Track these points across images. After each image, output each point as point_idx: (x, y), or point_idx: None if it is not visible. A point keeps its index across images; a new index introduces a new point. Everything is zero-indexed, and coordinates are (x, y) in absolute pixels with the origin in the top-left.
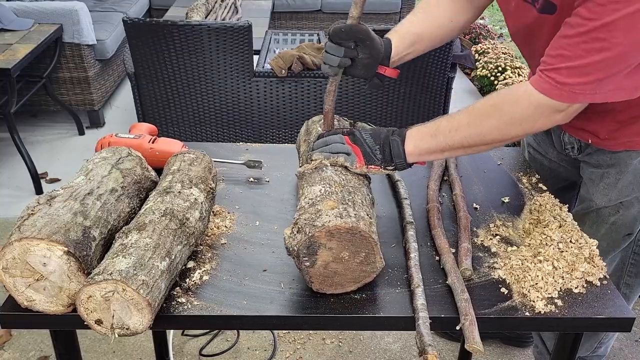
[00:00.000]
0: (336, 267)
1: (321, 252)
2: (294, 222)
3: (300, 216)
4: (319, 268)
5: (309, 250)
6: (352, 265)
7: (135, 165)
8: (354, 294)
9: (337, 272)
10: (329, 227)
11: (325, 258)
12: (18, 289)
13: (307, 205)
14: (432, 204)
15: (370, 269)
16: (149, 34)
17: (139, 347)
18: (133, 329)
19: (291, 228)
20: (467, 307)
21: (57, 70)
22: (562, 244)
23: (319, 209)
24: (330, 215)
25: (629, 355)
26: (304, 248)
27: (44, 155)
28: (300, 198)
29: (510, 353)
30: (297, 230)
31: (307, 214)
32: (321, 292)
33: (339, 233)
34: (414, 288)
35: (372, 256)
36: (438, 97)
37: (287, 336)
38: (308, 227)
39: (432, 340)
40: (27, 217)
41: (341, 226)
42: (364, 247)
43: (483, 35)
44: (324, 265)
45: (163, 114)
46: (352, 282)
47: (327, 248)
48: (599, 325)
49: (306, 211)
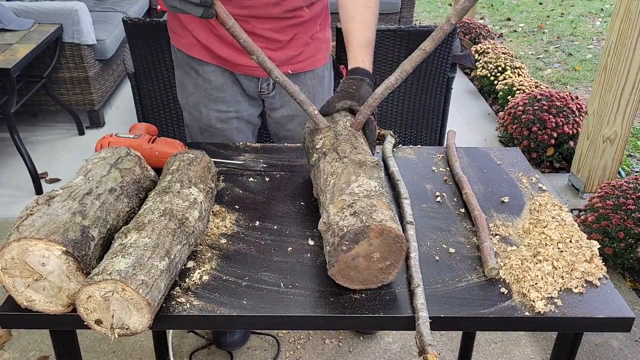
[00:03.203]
0: (360, 263)
1: (362, 244)
2: (347, 204)
3: (356, 202)
4: (348, 256)
5: (355, 237)
6: (373, 267)
7: (135, 165)
8: (354, 294)
9: (358, 267)
10: (385, 225)
11: (361, 250)
12: (17, 289)
13: (361, 194)
14: None
15: (383, 278)
16: (149, 34)
17: (138, 347)
18: (133, 328)
19: (341, 207)
20: None
21: (57, 70)
22: (561, 244)
23: (374, 204)
24: (386, 215)
25: (629, 355)
26: (353, 234)
27: (44, 155)
28: (351, 183)
29: (511, 353)
30: (352, 213)
31: (362, 203)
32: (332, 278)
33: (388, 235)
34: (413, 288)
35: (392, 268)
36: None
37: (287, 336)
38: (366, 216)
39: (432, 340)
40: (26, 217)
41: (393, 230)
42: (394, 257)
43: (483, 35)
44: (354, 256)
45: (163, 114)
46: (360, 283)
47: (369, 243)
48: (599, 325)
49: (361, 199)
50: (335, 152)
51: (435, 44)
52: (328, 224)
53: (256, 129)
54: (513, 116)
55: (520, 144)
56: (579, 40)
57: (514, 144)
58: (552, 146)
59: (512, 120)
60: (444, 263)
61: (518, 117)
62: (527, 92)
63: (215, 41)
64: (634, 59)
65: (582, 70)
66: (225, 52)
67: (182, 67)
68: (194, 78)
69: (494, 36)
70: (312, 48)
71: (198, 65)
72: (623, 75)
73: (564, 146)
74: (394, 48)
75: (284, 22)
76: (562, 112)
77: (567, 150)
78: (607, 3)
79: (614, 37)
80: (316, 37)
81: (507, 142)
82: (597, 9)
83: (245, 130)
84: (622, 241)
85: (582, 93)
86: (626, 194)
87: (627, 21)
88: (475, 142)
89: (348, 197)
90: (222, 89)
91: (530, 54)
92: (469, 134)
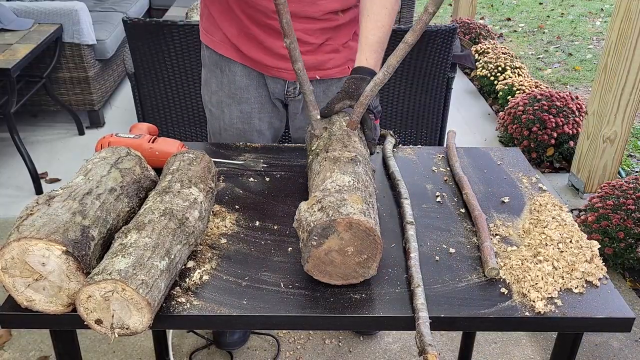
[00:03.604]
0: (335, 258)
1: (332, 238)
2: (317, 199)
3: (325, 197)
4: (321, 252)
5: (323, 231)
6: (350, 261)
7: (135, 164)
8: (354, 294)
9: (334, 262)
10: (352, 219)
11: (332, 245)
12: (17, 289)
13: (333, 189)
14: None
15: (363, 272)
16: (149, 34)
17: (139, 347)
18: (133, 328)
19: (311, 204)
20: None
21: (57, 70)
22: (562, 244)
23: (344, 198)
24: (355, 208)
25: (629, 355)
26: (320, 228)
27: (44, 155)
28: (326, 180)
29: (511, 353)
30: (320, 208)
31: (332, 198)
32: (309, 274)
33: (358, 228)
34: (414, 288)
35: (371, 261)
36: (438, 97)
37: (287, 336)
38: (332, 210)
39: (432, 340)
40: (26, 217)
41: (362, 223)
42: (370, 250)
43: (483, 35)
44: (327, 251)
45: (163, 114)
46: (340, 278)
47: (339, 237)
48: (599, 325)
49: (331, 194)
50: (325, 152)
51: (417, 35)
52: (299, 221)
53: (278, 135)
54: (513, 116)
55: (520, 144)
56: (579, 40)
57: (514, 144)
58: (552, 146)
59: (512, 120)
60: (444, 263)
61: (518, 117)
62: (527, 92)
63: (245, 41)
64: (634, 59)
65: (582, 70)
66: (254, 52)
67: (209, 66)
68: (218, 77)
69: (494, 36)
70: (343, 56)
71: (225, 64)
72: (623, 75)
73: (564, 146)
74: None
75: (316, 24)
76: (562, 112)
77: (567, 150)
78: (607, 3)
79: (614, 37)
80: (348, 45)
81: (507, 142)
82: (597, 9)
83: (267, 133)
84: (622, 241)
85: (582, 93)
86: (626, 194)
87: (627, 21)
88: (475, 142)
89: (320, 194)
90: (246, 90)
91: (530, 54)
92: (469, 134)
